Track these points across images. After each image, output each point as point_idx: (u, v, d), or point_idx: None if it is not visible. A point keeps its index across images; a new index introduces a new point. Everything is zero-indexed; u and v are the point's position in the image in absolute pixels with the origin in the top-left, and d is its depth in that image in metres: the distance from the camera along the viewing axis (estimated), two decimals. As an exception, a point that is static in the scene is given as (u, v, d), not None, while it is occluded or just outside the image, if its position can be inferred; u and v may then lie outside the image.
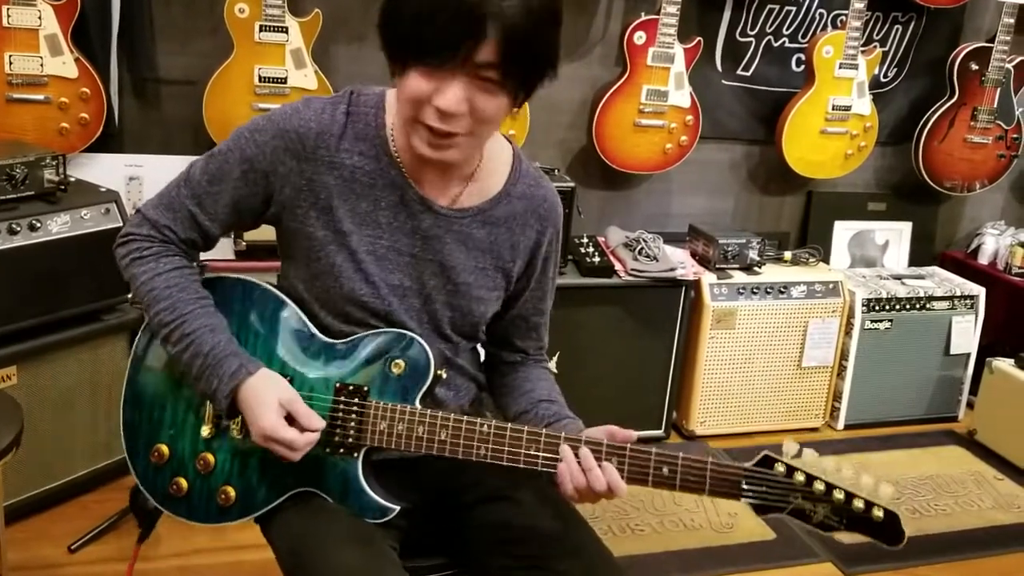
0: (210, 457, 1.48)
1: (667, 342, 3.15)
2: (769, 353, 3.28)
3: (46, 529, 2.45)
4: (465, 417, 1.40)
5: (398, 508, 1.44)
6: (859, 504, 1.30)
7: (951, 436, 3.48)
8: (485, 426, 1.38)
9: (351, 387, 1.44)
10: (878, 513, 1.30)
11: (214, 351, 1.41)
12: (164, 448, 1.51)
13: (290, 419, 1.40)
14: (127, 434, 1.55)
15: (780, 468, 1.33)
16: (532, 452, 1.38)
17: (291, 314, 1.49)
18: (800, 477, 1.32)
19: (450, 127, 1.31)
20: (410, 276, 1.47)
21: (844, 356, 3.38)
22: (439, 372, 1.45)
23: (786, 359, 3.31)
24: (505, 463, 1.39)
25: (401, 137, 1.42)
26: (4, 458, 1.77)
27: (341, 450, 1.43)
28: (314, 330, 1.49)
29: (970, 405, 3.55)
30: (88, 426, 2.56)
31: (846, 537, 1.34)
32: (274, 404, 1.39)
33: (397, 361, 1.44)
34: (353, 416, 1.43)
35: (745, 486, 1.34)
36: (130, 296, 2.60)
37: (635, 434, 1.38)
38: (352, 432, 1.43)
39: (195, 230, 1.47)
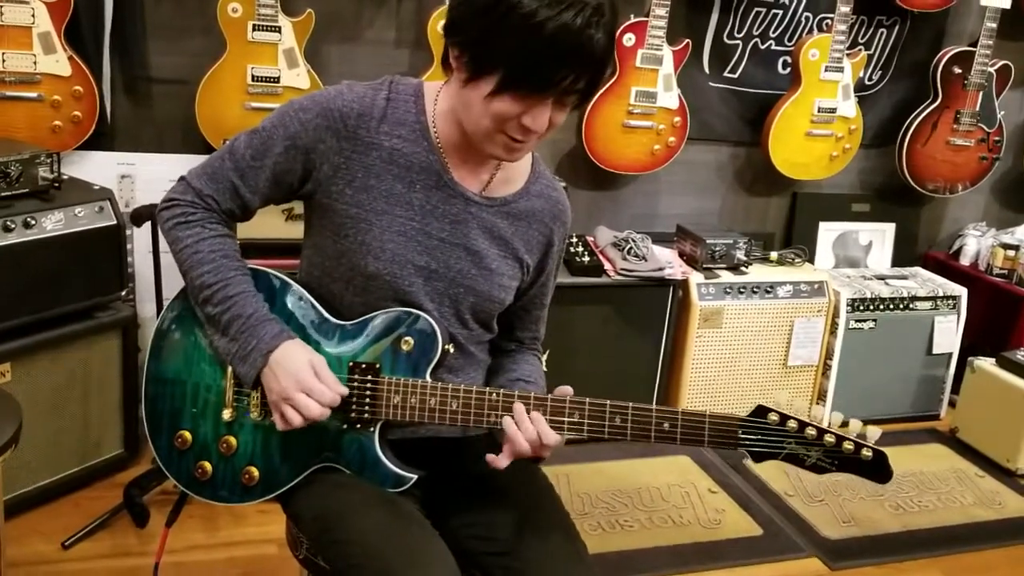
0: (232, 439, 1.55)
1: (655, 341, 3.19)
2: (755, 352, 3.32)
3: (39, 525, 2.46)
4: (475, 387, 1.47)
5: (415, 477, 1.51)
6: (849, 446, 1.41)
7: (933, 434, 3.53)
8: (494, 395, 1.45)
9: (363, 364, 1.50)
10: (867, 453, 1.41)
11: (256, 314, 1.49)
12: (187, 434, 1.57)
13: None
14: (150, 422, 1.60)
15: (774, 417, 1.41)
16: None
17: (301, 297, 1.56)
18: (793, 424, 1.41)
19: (530, 139, 1.42)
20: (436, 259, 1.52)
21: (829, 355, 3.42)
22: (447, 347, 1.51)
23: (772, 358, 3.35)
24: None
25: (445, 126, 1.50)
26: (4, 454, 1.78)
27: (358, 425, 1.50)
28: (324, 312, 1.55)
29: (952, 404, 3.60)
30: (81, 423, 2.57)
31: (839, 477, 1.40)
32: (308, 364, 1.46)
33: (406, 338, 1.50)
34: (368, 392, 1.50)
35: (742, 435, 1.41)
36: (123, 293, 2.62)
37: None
38: (367, 407, 1.50)
39: (235, 201, 1.53)
